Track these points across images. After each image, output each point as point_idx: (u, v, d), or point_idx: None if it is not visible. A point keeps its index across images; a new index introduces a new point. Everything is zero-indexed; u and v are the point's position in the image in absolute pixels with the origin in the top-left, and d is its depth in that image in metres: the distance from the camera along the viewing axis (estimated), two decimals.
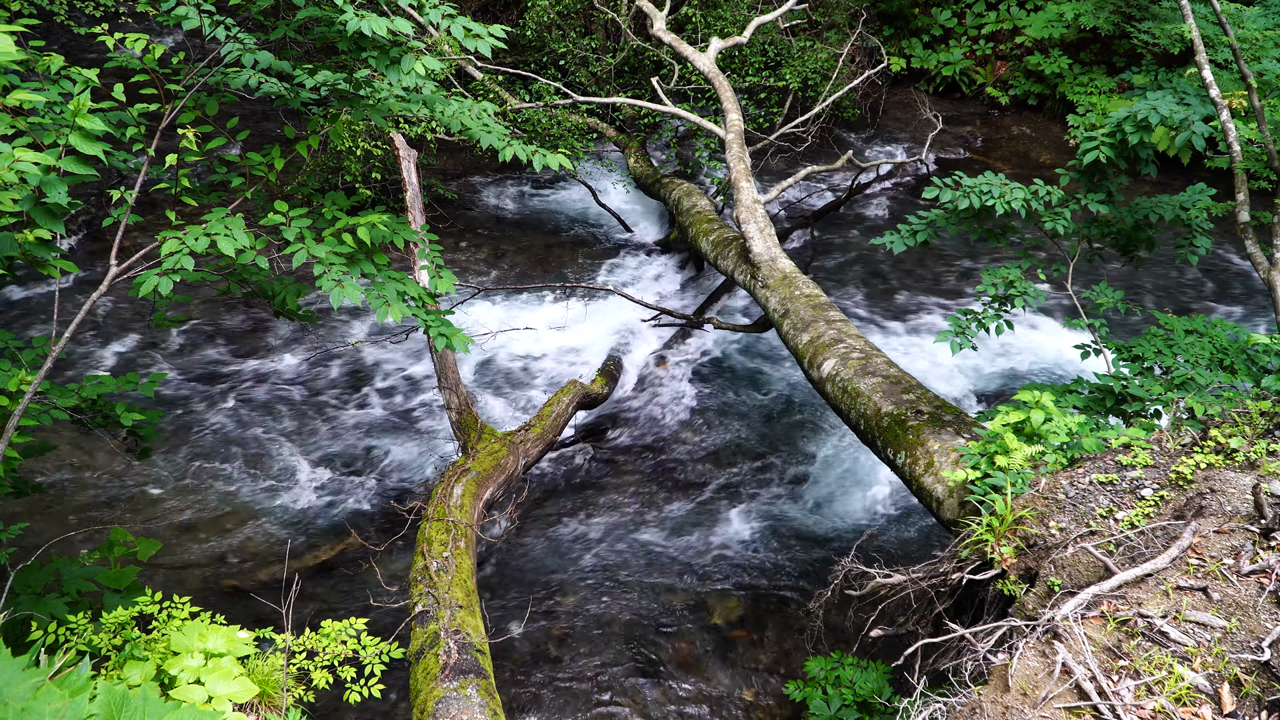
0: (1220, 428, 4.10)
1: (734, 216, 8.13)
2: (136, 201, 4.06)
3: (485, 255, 10.86)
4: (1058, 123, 12.93)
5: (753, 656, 6.19)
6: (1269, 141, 5.22)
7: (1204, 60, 5.43)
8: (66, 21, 11.49)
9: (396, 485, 7.72)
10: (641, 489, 7.71)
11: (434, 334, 4.53)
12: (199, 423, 8.27)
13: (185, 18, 4.17)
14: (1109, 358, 5.56)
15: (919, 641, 3.65)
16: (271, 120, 12.04)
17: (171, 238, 3.89)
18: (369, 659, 4.13)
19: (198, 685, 3.47)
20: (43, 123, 3.58)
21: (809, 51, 12.04)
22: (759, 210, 7.90)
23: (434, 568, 5.27)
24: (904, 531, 7.22)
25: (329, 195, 4.60)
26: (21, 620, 4.08)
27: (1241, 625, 3.09)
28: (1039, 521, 3.99)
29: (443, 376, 6.97)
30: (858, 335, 6.50)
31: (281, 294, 5.32)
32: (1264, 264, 5.34)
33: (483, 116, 4.74)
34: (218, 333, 9.43)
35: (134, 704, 2.39)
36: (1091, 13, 12.38)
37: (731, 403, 8.68)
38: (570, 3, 11.89)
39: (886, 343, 9.47)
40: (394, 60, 4.10)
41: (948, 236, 6.37)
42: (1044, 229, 5.84)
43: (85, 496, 7.38)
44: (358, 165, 9.79)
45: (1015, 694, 2.98)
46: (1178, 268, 10.52)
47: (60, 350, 3.93)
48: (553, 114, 10.81)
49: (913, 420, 5.39)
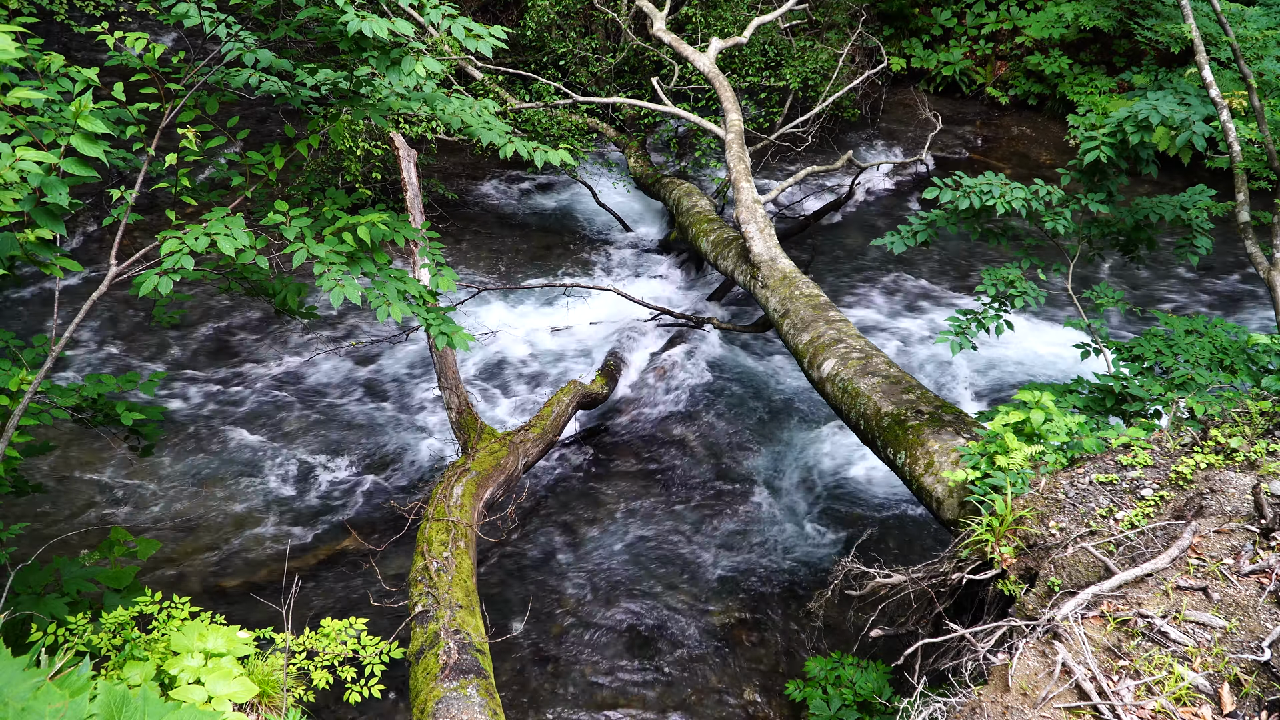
0: (1220, 428, 4.10)
1: (734, 216, 8.13)
2: (136, 200, 4.06)
3: (485, 255, 10.86)
4: (1058, 123, 12.93)
5: (753, 656, 6.19)
6: (1269, 141, 5.22)
7: (1204, 60, 5.43)
8: (67, 20, 11.48)
9: (396, 485, 7.72)
10: (641, 489, 7.71)
11: (435, 332, 4.53)
12: (199, 422, 8.28)
13: (186, 15, 4.17)
14: (1109, 358, 5.56)
15: (919, 641, 3.65)
16: (272, 120, 12.04)
17: (171, 237, 3.89)
18: (369, 659, 4.14)
19: (198, 685, 3.48)
20: (42, 121, 3.58)
21: (809, 51, 12.04)
22: (759, 210, 7.90)
23: (434, 568, 5.26)
24: (904, 531, 7.22)
25: (329, 193, 4.60)
26: (21, 620, 4.08)
27: (1241, 625, 3.09)
28: (1039, 521, 3.99)
29: (443, 376, 6.97)
30: (858, 335, 6.50)
31: (282, 293, 5.32)
32: (1264, 264, 5.34)
33: (483, 114, 4.74)
34: (218, 332, 9.43)
35: (134, 704, 2.39)
36: (1092, 13, 12.38)
37: (731, 403, 8.68)
38: (570, 3, 11.89)
39: (886, 343, 9.47)
40: (394, 61, 4.10)
41: (948, 236, 6.37)
42: (1044, 229, 5.84)
43: (85, 496, 7.37)
44: (358, 165, 9.79)
45: (1015, 694, 2.98)
46: (1178, 267, 10.52)
47: (60, 350, 3.93)
48: (553, 114, 10.82)
49: (913, 420, 5.39)
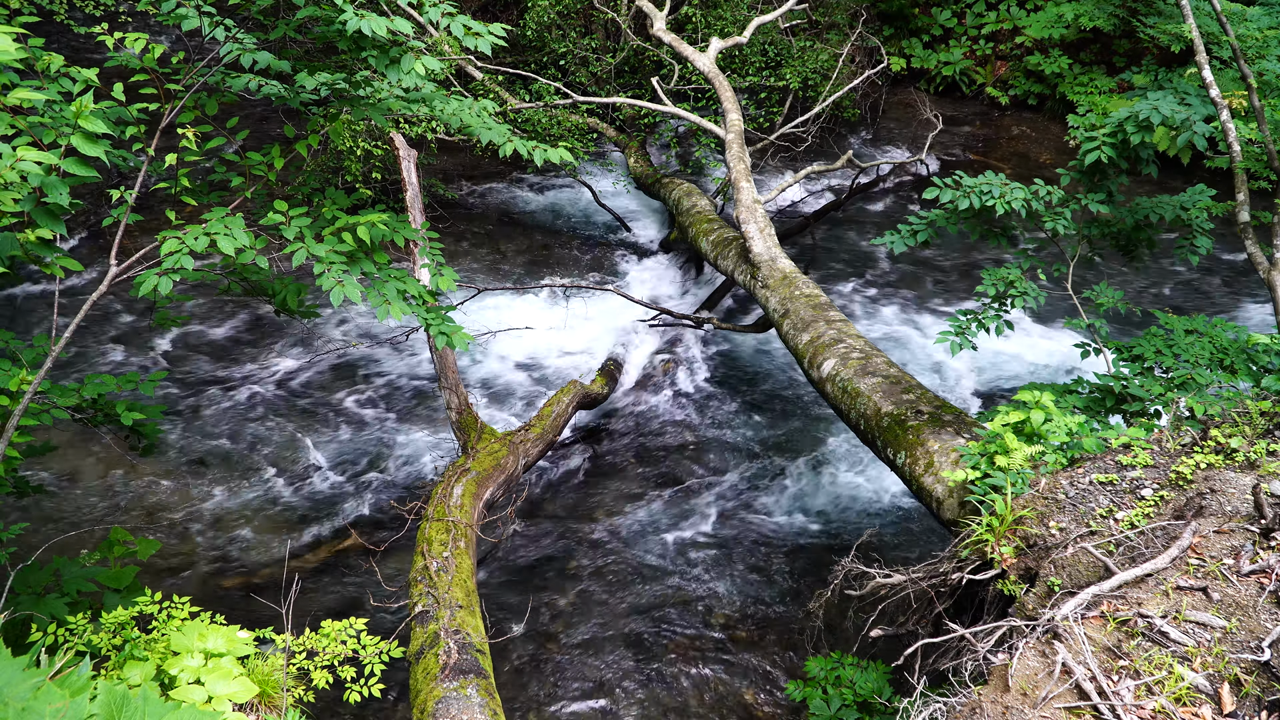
0: (1220, 428, 4.10)
1: (734, 216, 8.13)
2: (136, 201, 4.06)
3: (485, 255, 10.86)
4: (1058, 123, 12.93)
5: (753, 656, 6.19)
6: (1269, 141, 5.22)
7: (1204, 60, 5.42)
8: (66, 21, 11.48)
9: (396, 485, 7.72)
10: (641, 489, 7.71)
11: (435, 332, 4.53)
12: (199, 422, 8.28)
13: (185, 17, 4.17)
14: (1109, 357, 5.56)
15: (919, 641, 3.65)
16: (272, 120, 12.04)
17: (171, 237, 3.89)
18: (369, 659, 4.14)
19: (198, 685, 3.48)
20: (43, 121, 3.58)
21: (809, 51, 12.04)
22: (759, 210, 7.90)
23: (434, 568, 5.26)
24: (904, 531, 7.22)
25: (329, 194, 4.60)
26: (21, 620, 4.08)
27: (1241, 625, 3.09)
28: (1039, 521, 3.99)
29: (443, 376, 6.97)
30: (858, 335, 6.50)
31: (282, 293, 5.32)
32: (1264, 264, 5.34)
33: (483, 114, 4.74)
34: (218, 333, 9.43)
35: (134, 704, 2.39)
36: (1092, 13, 12.38)
37: (731, 403, 8.68)
38: (570, 3, 11.89)
39: (885, 343, 9.47)
40: (394, 60, 4.10)
41: (948, 236, 6.37)
42: (1044, 229, 5.84)
43: (85, 496, 7.37)
44: (358, 165, 9.79)
45: (1015, 694, 2.98)
46: (1178, 267, 10.51)
47: (61, 350, 3.93)
48: (553, 114, 10.81)
49: (913, 420, 5.39)
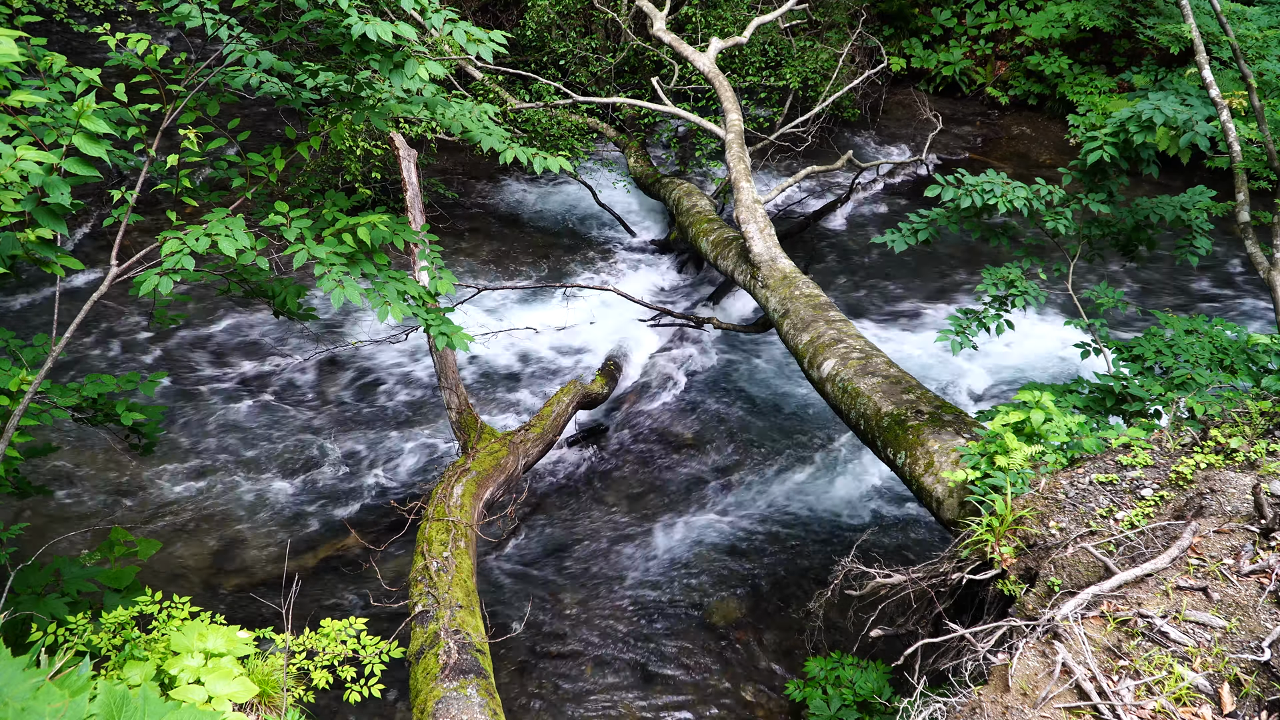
0: (1220, 428, 4.10)
1: (734, 216, 8.13)
2: (137, 200, 4.06)
3: (485, 255, 10.86)
4: (1058, 123, 12.93)
5: (753, 656, 6.19)
6: (1269, 141, 5.22)
7: (1204, 60, 5.42)
8: (67, 20, 11.49)
9: (397, 485, 7.72)
10: (641, 489, 7.71)
11: (435, 333, 4.53)
12: (199, 422, 8.28)
13: (188, 16, 4.17)
14: (1109, 357, 5.56)
15: (919, 641, 3.65)
16: (273, 121, 12.04)
17: (172, 238, 3.89)
18: (369, 659, 4.14)
19: (198, 685, 3.48)
20: (44, 121, 3.58)
21: (809, 51, 12.04)
22: (759, 210, 7.90)
23: (434, 568, 5.27)
24: (904, 531, 7.22)
25: (329, 195, 4.60)
26: (21, 620, 4.08)
27: (1241, 625, 3.09)
28: (1039, 521, 3.99)
29: (443, 376, 6.97)
30: (858, 335, 6.50)
31: (282, 294, 5.32)
32: (1264, 264, 5.34)
33: (483, 119, 4.74)
34: (217, 333, 9.43)
35: (134, 704, 2.39)
36: (1092, 12, 12.38)
37: (731, 403, 8.68)
38: (570, 3, 11.89)
39: (885, 343, 9.47)
40: (397, 64, 4.10)
41: (948, 236, 6.37)
42: (1045, 228, 5.84)
43: (85, 496, 7.38)
44: (358, 165, 9.79)
45: (1015, 694, 2.98)
46: (1177, 267, 10.52)
47: (61, 350, 3.94)
48: (553, 114, 10.82)
49: (913, 420, 5.39)
